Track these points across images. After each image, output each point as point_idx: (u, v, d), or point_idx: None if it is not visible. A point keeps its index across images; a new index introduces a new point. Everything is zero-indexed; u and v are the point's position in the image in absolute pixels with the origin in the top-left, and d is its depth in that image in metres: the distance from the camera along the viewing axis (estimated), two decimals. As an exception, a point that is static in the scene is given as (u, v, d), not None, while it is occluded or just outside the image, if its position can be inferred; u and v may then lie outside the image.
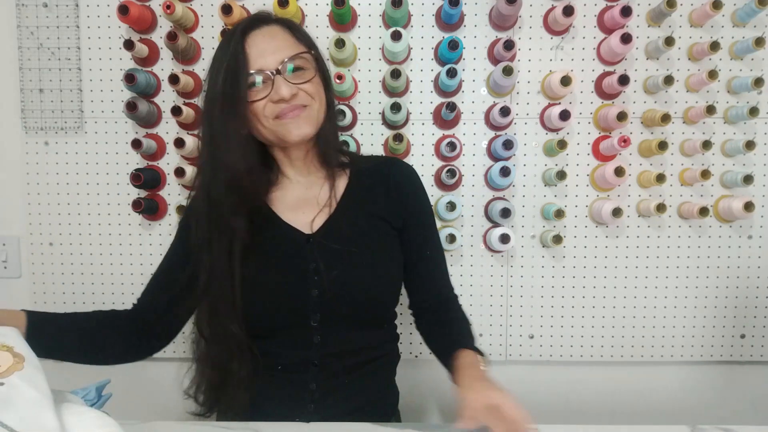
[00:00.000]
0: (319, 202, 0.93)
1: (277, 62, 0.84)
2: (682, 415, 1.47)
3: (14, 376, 0.62)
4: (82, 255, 1.43)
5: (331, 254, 0.88)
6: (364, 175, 0.97)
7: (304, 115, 0.86)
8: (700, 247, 1.40)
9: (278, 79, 0.84)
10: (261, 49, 0.84)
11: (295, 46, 0.87)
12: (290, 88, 0.84)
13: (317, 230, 0.91)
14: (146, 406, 1.48)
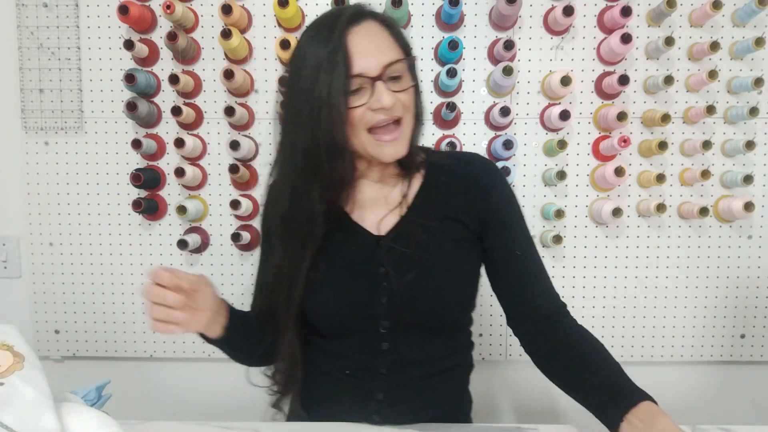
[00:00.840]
0: (389, 202, 0.87)
1: (380, 66, 0.76)
2: (682, 415, 1.46)
3: (14, 376, 0.62)
4: (82, 255, 1.43)
5: (401, 259, 0.82)
6: (440, 173, 0.89)
7: (401, 135, 0.80)
8: (700, 247, 1.40)
9: (379, 85, 0.76)
10: (363, 50, 0.76)
11: (395, 48, 0.80)
12: (391, 96, 0.76)
13: (387, 233, 0.85)
14: (146, 406, 1.48)
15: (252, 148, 1.37)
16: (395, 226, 0.86)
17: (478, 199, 0.87)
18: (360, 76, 0.76)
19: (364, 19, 0.79)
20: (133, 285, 1.44)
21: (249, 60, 1.37)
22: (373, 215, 0.87)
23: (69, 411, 0.64)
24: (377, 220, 0.86)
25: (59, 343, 1.45)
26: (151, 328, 0.73)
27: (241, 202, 1.33)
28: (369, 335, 0.85)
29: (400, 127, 0.80)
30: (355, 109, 0.77)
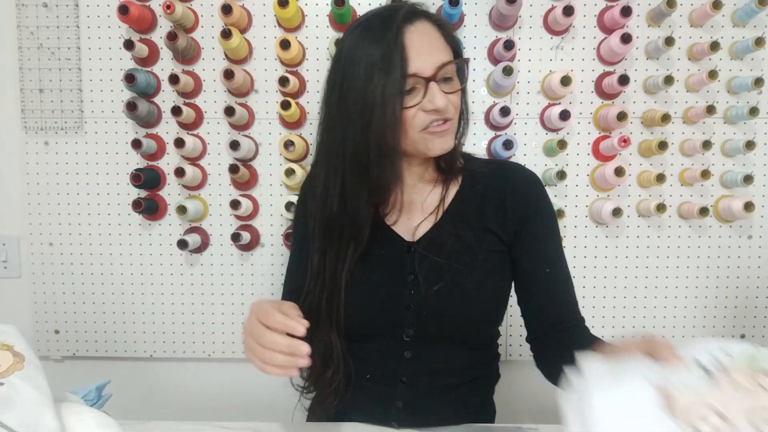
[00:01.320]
0: (425, 208, 0.86)
1: (434, 67, 0.75)
2: (682, 415, 1.47)
3: (14, 376, 0.62)
4: (82, 255, 1.43)
5: (431, 267, 0.81)
6: (478, 181, 0.88)
7: (450, 130, 0.80)
8: (700, 247, 1.40)
9: (433, 86, 0.75)
10: (418, 49, 0.75)
11: (447, 49, 0.79)
12: (444, 98, 0.76)
13: (419, 239, 0.85)
14: (146, 406, 1.48)
15: (252, 148, 1.37)
16: (428, 233, 0.85)
17: (513, 211, 0.85)
18: (414, 76, 0.75)
19: (418, 19, 0.78)
20: (133, 285, 1.44)
21: (249, 60, 1.37)
22: (407, 220, 0.86)
23: (69, 411, 0.64)
24: (412, 225, 0.86)
25: (59, 343, 1.45)
26: (260, 369, 0.66)
27: (241, 202, 1.33)
28: (393, 342, 0.84)
29: (447, 124, 0.79)
30: (408, 110, 0.76)
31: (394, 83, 0.73)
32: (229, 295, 1.43)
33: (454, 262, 0.81)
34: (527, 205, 0.86)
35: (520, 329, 1.43)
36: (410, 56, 0.74)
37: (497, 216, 0.85)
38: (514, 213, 0.85)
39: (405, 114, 0.76)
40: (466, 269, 0.82)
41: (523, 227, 0.85)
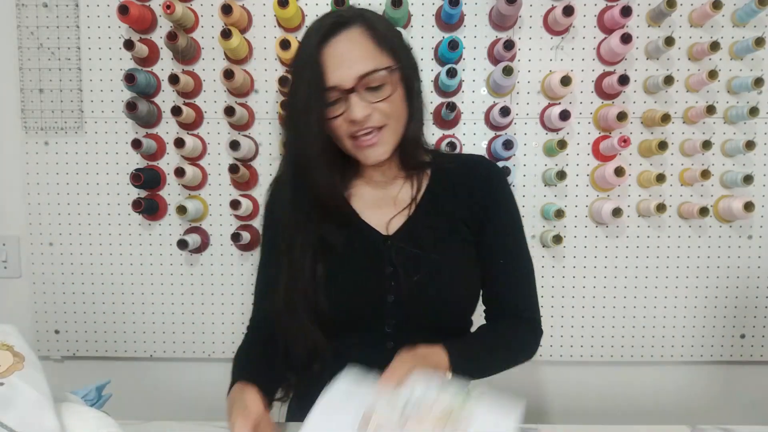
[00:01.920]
0: (397, 203, 0.89)
1: (354, 78, 0.77)
2: (682, 415, 1.47)
3: (14, 376, 0.62)
4: (82, 255, 1.43)
5: (409, 259, 0.84)
6: (446, 174, 0.90)
7: (380, 139, 0.81)
8: (700, 247, 1.40)
9: (353, 98, 0.77)
10: (338, 61, 0.77)
11: (375, 56, 0.79)
12: (364, 109, 0.78)
13: (395, 232, 0.87)
14: (146, 406, 1.48)
15: (252, 148, 1.37)
16: (403, 226, 0.87)
17: (480, 201, 0.89)
18: (334, 88, 0.77)
19: (344, 28, 0.79)
20: (133, 285, 1.44)
21: (249, 60, 1.37)
22: (381, 215, 0.88)
23: (69, 411, 0.64)
24: (385, 219, 0.87)
25: (59, 343, 1.45)
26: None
27: (241, 202, 1.33)
28: (374, 334, 0.85)
29: (381, 132, 0.81)
30: (334, 120, 0.79)
31: (317, 96, 0.77)
32: (229, 295, 1.43)
33: (431, 253, 0.84)
34: (491, 196, 0.89)
35: (520, 329, 1.43)
36: (329, 69, 0.77)
37: (467, 206, 0.89)
38: (480, 203, 0.89)
39: (333, 124, 0.80)
40: (442, 259, 0.84)
41: (486, 217, 0.89)
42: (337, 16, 0.81)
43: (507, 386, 1.48)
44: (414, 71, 0.86)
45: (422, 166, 0.91)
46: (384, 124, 0.81)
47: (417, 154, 0.90)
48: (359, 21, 0.80)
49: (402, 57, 0.82)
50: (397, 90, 0.81)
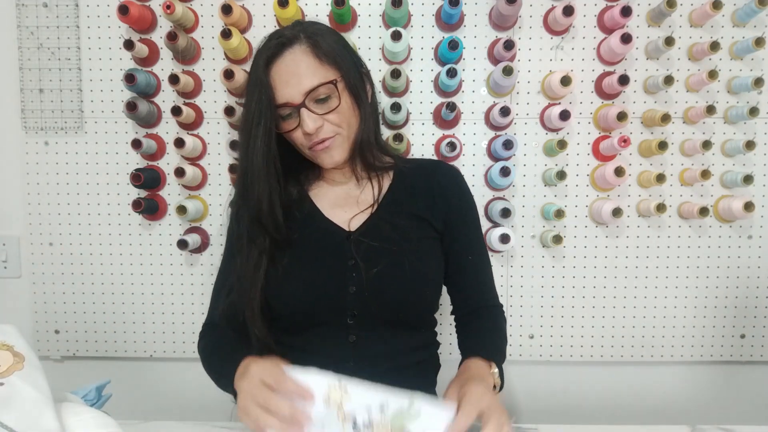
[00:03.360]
0: (359, 202, 0.94)
1: (301, 94, 0.84)
2: (682, 415, 1.47)
3: (14, 376, 0.62)
4: (82, 255, 1.43)
5: (370, 252, 0.88)
6: (407, 176, 0.97)
7: (335, 145, 0.88)
8: (700, 247, 1.40)
9: (303, 112, 0.85)
10: (285, 80, 0.84)
11: (318, 71, 0.85)
12: (315, 121, 0.85)
13: (357, 228, 0.91)
14: (146, 406, 1.48)
15: (252, 148, 1.37)
16: (365, 223, 0.91)
17: (441, 201, 0.95)
18: (285, 105, 0.85)
19: (288, 48, 0.86)
20: (133, 285, 1.44)
21: (249, 60, 1.37)
22: (344, 213, 0.93)
23: (69, 411, 0.64)
24: (348, 217, 0.92)
25: (59, 343, 1.45)
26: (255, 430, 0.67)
27: (241, 202, 1.33)
28: (337, 327, 0.88)
29: (333, 139, 0.88)
30: (294, 132, 0.87)
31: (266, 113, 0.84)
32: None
33: (391, 246, 0.88)
34: (453, 197, 0.96)
35: (520, 329, 1.43)
36: (278, 87, 0.84)
37: (427, 206, 0.94)
38: (443, 204, 0.94)
39: (291, 136, 0.88)
40: (402, 252, 0.88)
41: (450, 217, 0.95)
42: (279, 36, 0.87)
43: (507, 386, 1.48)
44: (359, 77, 0.91)
45: (384, 167, 0.96)
46: (335, 134, 0.88)
47: (376, 155, 0.95)
48: (301, 38, 0.86)
49: (344, 67, 0.88)
50: (343, 99, 0.87)
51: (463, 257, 0.95)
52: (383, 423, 0.63)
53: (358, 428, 0.63)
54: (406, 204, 0.94)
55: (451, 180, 0.98)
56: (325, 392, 0.64)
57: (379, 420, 0.63)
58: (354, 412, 0.64)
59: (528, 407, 1.48)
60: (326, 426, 0.63)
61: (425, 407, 0.64)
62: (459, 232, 0.95)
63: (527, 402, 1.48)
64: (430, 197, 0.94)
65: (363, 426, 0.63)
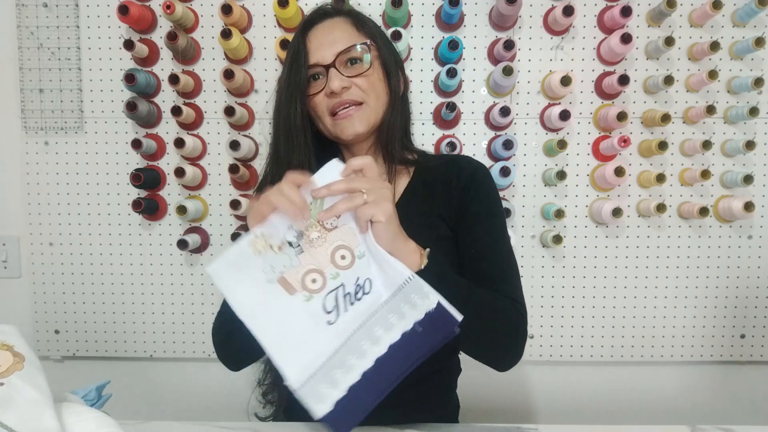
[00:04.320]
0: None
1: (333, 55, 0.83)
2: (682, 415, 1.47)
3: (14, 376, 0.62)
4: (82, 255, 1.43)
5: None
6: (428, 173, 0.92)
7: (358, 114, 0.85)
8: (700, 247, 1.40)
9: (331, 71, 0.83)
10: (319, 42, 0.84)
11: (354, 37, 0.85)
12: (342, 80, 0.82)
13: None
14: (146, 406, 1.48)
15: (252, 148, 1.37)
16: None
17: (457, 197, 0.89)
18: (315, 65, 0.84)
19: (328, 17, 0.87)
20: (133, 285, 1.44)
21: (249, 60, 1.37)
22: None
23: (69, 411, 0.64)
24: None
25: (59, 343, 1.45)
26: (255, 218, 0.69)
27: (241, 202, 1.33)
28: None
29: (359, 108, 0.85)
30: (315, 96, 0.85)
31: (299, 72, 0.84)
32: (229, 295, 1.43)
33: None
34: (469, 190, 0.89)
35: (520, 329, 1.43)
36: (311, 49, 0.84)
37: (445, 203, 0.89)
38: (459, 200, 0.88)
39: (313, 100, 0.85)
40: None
41: (464, 209, 0.88)
42: (321, 8, 0.89)
43: (507, 386, 1.48)
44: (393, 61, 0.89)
45: (405, 162, 0.92)
46: (362, 101, 0.85)
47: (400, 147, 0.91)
48: (343, 11, 0.89)
49: (380, 43, 0.88)
50: (375, 69, 0.86)
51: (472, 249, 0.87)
52: (309, 223, 0.69)
53: (295, 244, 0.69)
54: (424, 201, 0.90)
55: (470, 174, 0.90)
56: (250, 250, 0.68)
57: (304, 225, 0.69)
58: (283, 238, 0.69)
59: (528, 407, 1.48)
60: (275, 266, 0.68)
61: (317, 180, 0.69)
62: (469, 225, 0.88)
63: (527, 402, 1.48)
64: (447, 194, 0.89)
65: (297, 239, 0.69)
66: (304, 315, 0.68)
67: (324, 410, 0.67)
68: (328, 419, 0.67)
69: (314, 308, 0.69)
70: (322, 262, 0.69)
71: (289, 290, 0.68)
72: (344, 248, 0.69)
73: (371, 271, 0.70)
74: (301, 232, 0.69)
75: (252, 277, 0.68)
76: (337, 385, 0.68)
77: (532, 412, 1.48)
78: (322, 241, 0.69)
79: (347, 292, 0.70)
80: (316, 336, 0.68)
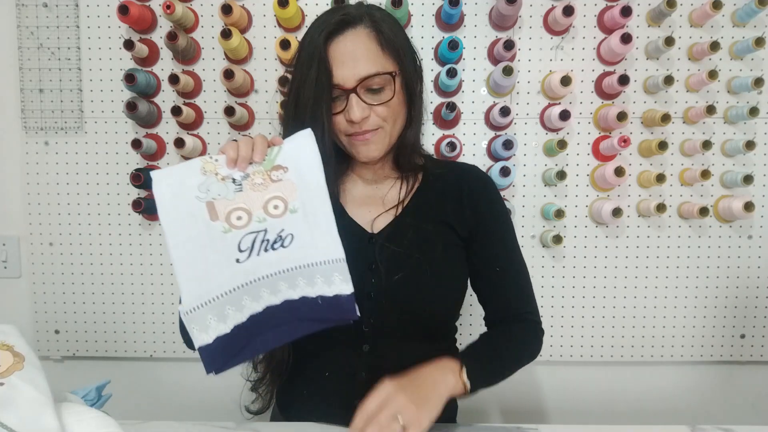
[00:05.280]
0: (385, 203, 0.89)
1: (356, 79, 0.79)
2: (682, 415, 1.47)
3: (14, 376, 0.62)
4: (82, 255, 1.43)
5: (392, 257, 0.83)
6: (437, 179, 0.91)
7: (375, 139, 0.83)
8: (700, 247, 1.40)
9: (353, 98, 0.80)
10: (341, 60, 0.79)
11: (378, 59, 0.81)
12: (363, 110, 0.80)
13: (380, 231, 0.86)
14: (146, 406, 1.48)
15: (252, 148, 1.36)
16: (389, 226, 0.87)
17: (468, 207, 0.89)
18: (337, 86, 0.80)
19: (351, 27, 0.81)
20: (133, 285, 1.44)
21: (249, 60, 1.37)
22: (367, 213, 0.89)
23: (69, 411, 0.64)
24: (371, 218, 0.88)
25: (59, 343, 1.45)
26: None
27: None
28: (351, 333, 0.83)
29: (376, 133, 0.83)
30: (336, 116, 0.82)
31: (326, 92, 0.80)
32: (229, 295, 1.43)
33: (415, 253, 0.83)
34: (482, 204, 0.90)
35: (520, 329, 1.43)
36: (333, 67, 0.79)
37: (455, 212, 0.88)
38: (471, 210, 0.89)
39: (333, 118, 0.83)
40: (425, 259, 0.84)
41: (478, 225, 0.89)
42: (344, 14, 0.81)
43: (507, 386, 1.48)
44: (417, 75, 0.88)
45: (415, 169, 0.92)
46: (379, 127, 0.83)
47: (412, 158, 0.91)
48: (366, 21, 0.81)
49: (406, 61, 0.84)
50: (397, 94, 0.83)
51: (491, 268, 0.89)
52: (258, 170, 0.73)
53: (237, 182, 0.71)
54: (433, 209, 0.89)
55: (481, 186, 0.91)
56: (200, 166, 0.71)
57: (254, 169, 0.73)
58: (230, 173, 0.72)
59: (528, 407, 1.48)
60: (211, 190, 0.70)
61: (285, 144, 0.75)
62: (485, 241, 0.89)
63: (527, 402, 1.48)
64: (457, 203, 0.89)
65: (241, 179, 0.72)
66: (216, 244, 0.70)
67: (204, 341, 0.68)
68: (204, 352, 0.68)
69: (228, 242, 0.70)
70: (254, 206, 0.71)
71: (212, 216, 0.70)
72: (280, 200, 0.72)
73: (298, 229, 0.73)
74: (248, 174, 0.72)
75: (185, 191, 0.70)
76: (225, 320, 0.70)
77: (532, 412, 1.48)
78: (263, 189, 0.72)
79: (266, 239, 0.72)
80: (221, 269, 0.70)
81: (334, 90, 0.80)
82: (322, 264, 0.74)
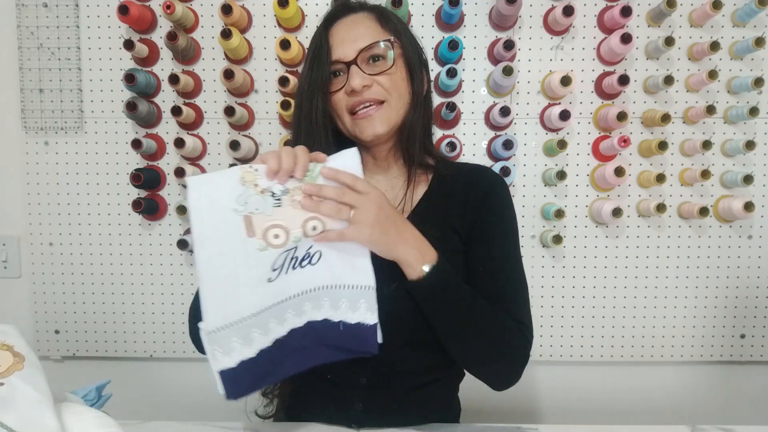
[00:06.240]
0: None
1: (355, 51, 0.80)
2: (682, 415, 1.47)
3: (14, 376, 0.62)
4: (82, 255, 1.43)
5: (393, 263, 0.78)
6: (446, 182, 0.88)
7: (378, 114, 0.81)
8: (700, 247, 1.40)
9: (352, 68, 0.80)
10: (341, 38, 0.82)
11: (378, 33, 0.82)
12: (363, 78, 0.79)
13: None
14: (146, 406, 1.48)
15: (252, 148, 1.37)
16: None
17: (471, 211, 0.86)
18: (337, 62, 0.81)
19: (352, 12, 0.85)
20: (133, 285, 1.44)
21: (249, 60, 1.37)
22: None
23: (69, 411, 0.64)
24: None
25: (59, 343, 1.45)
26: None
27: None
28: None
29: (380, 108, 0.82)
30: (336, 93, 0.83)
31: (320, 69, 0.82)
32: (229, 295, 1.43)
33: None
34: (483, 206, 0.86)
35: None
36: (334, 45, 0.82)
37: (459, 216, 0.86)
38: (473, 214, 0.85)
39: (334, 98, 0.83)
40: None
41: (477, 224, 0.85)
42: (344, 3, 0.87)
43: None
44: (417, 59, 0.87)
45: (424, 167, 0.89)
46: (384, 100, 0.82)
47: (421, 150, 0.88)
48: (367, 7, 0.86)
49: (405, 40, 0.85)
50: (398, 67, 0.83)
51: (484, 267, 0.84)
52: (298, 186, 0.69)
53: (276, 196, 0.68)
54: (440, 213, 0.86)
55: (487, 188, 0.87)
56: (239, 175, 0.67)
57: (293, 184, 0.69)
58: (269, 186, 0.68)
59: (528, 407, 1.48)
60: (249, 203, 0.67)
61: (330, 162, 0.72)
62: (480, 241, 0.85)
63: (527, 402, 1.48)
64: (462, 208, 0.86)
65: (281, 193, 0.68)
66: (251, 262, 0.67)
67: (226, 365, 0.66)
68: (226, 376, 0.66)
69: (264, 261, 0.67)
70: (292, 224, 0.68)
71: (249, 231, 0.67)
72: (319, 221, 0.69)
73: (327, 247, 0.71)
74: (288, 189, 0.69)
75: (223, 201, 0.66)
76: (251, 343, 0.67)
77: (532, 412, 1.48)
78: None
79: (295, 256, 0.69)
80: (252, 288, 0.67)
81: (334, 66, 0.82)
82: (349, 288, 0.71)
